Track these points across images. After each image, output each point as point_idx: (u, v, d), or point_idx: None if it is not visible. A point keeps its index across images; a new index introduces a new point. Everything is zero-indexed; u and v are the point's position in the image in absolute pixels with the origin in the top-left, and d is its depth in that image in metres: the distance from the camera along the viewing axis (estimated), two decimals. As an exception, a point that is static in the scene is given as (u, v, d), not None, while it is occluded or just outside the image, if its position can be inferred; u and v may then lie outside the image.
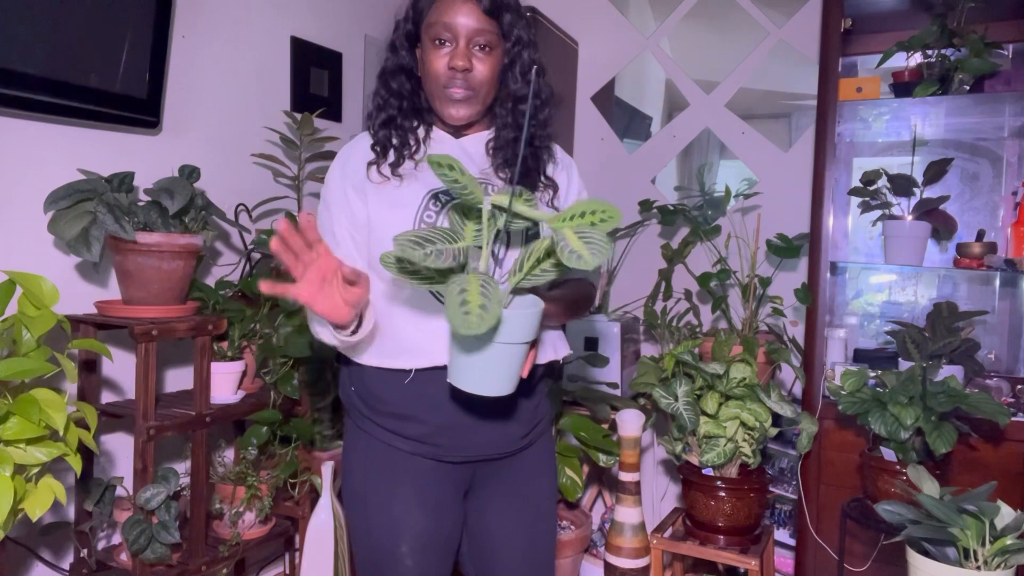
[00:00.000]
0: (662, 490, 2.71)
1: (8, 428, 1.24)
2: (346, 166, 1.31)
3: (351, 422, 1.34)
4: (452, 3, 1.21)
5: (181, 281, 1.74)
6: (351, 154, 1.33)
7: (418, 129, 1.31)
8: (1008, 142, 2.31)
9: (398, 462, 1.27)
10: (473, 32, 1.21)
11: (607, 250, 0.94)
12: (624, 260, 2.81)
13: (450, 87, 1.22)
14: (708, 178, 2.74)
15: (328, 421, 2.22)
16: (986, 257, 2.09)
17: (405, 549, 1.25)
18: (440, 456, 1.26)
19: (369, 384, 1.27)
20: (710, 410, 1.91)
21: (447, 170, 0.98)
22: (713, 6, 2.72)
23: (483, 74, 1.23)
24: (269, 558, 2.33)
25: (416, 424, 1.25)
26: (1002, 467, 1.92)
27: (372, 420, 1.28)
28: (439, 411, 1.23)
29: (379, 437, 1.27)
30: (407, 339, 1.23)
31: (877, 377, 1.97)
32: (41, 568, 1.73)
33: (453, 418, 1.24)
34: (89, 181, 1.63)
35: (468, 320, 0.90)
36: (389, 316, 1.24)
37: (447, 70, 1.22)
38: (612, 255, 2.76)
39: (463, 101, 1.24)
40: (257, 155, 2.19)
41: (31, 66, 1.59)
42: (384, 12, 2.82)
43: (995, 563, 1.35)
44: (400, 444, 1.26)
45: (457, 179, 0.99)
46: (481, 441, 1.27)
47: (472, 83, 1.23)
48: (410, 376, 1.23)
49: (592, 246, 0.93)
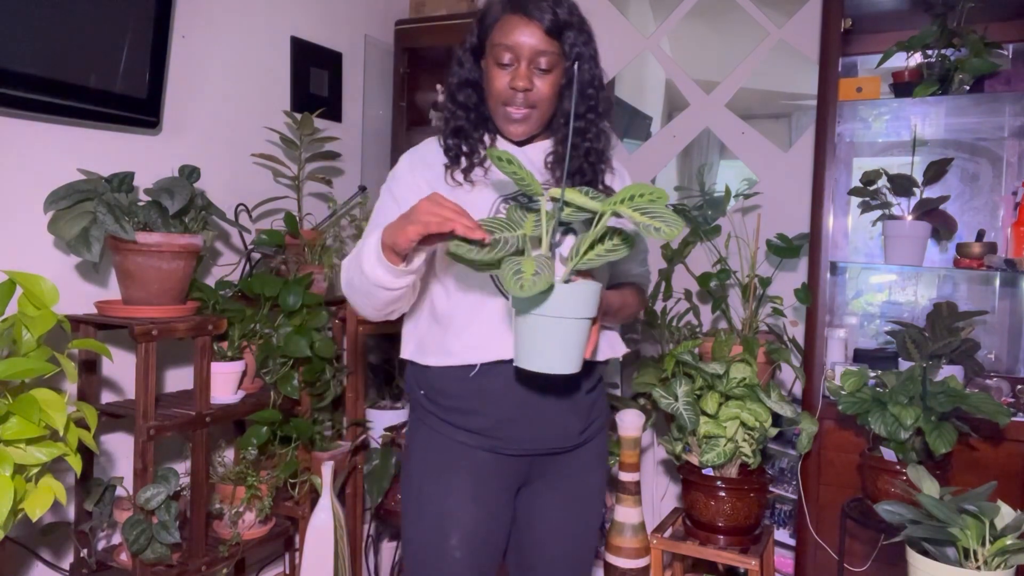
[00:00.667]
0: (662, 490, 2.71)
1: (8, 428, 1.24)
2: (417, 165, 1.35)
3: (414, 417, 1.39)
4: (515, 25, 1.25)
5: (181, 281, 1.74)
6: (423, 155, 1.37)
7: (484, 138, 1.36)
8: (1008, 142, 2.31)
9: (457, 455, 1.30)
10: (534, 53, 1.25)
11: (679, 222, 0.99)
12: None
13: (510, 105, 1.28)
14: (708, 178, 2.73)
15: (328, 421, 2.22)
16: (986, 257, 2.09)
17: (454, 542, 1.28)
18: (499, 449, 1.30)
19: (434, 381, 1.32)
20: (710, 410, 1.91)
21: (506, 164, 1.05)
22: (713, 6, 2.72)
23: (542, 93, 1.28)
24: (269, 558, 2.33)
25: (478, 417, 1.28)
26: (1002, 467, 1.92)
27: (435, 415, 1.32)
28: (501, 404, 1.27)
29: (441, 431, 1.32)
30: (471, 336, 1.27)
31: (877, 377, 1.97)
32: (41, 568, 1.73)
33: (514, 411, 1.28)
34: (89, 181, 1.63)
35: (522, 281, 0.95)
36: (454, 316, 1.29)
37: (508, 90, 1.27)
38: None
39: (521, 120, 1.29)
40: (257, 155, 2.19)
41: (31, 66, 1.59)
42: (384, 12, 2.82)
43: (995, 563, 1.35)
44: (461, 437, 1.30)
45: (516, 171, 1.05)
46: (540, 435, 1.30)
47: (531, 101, 1.28)
48: (475, 370, 1.27)
49: (663, 219, 0.99)
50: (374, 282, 1.18)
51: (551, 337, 1.05)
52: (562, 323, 1.04)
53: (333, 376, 2.15)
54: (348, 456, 2.20)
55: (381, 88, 2.82)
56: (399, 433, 2.33)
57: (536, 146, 1.37)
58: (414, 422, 1.39)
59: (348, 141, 2.62)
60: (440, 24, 2.73)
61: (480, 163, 1.34)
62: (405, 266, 1.17)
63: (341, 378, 2.21)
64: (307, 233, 2.18)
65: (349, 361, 2.31)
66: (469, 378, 1.28)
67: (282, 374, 1.98)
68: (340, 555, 2.02)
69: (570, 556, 1.40)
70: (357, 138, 2.71)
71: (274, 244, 2.07)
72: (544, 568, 1.39)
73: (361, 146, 2.73)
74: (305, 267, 2.13)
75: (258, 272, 2.09)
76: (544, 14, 1.25)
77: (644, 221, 0.99)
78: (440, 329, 1.31)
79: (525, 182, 1.07)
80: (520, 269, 0.98)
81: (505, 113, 1.29)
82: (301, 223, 2.21)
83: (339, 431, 2.25)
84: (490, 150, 1.07)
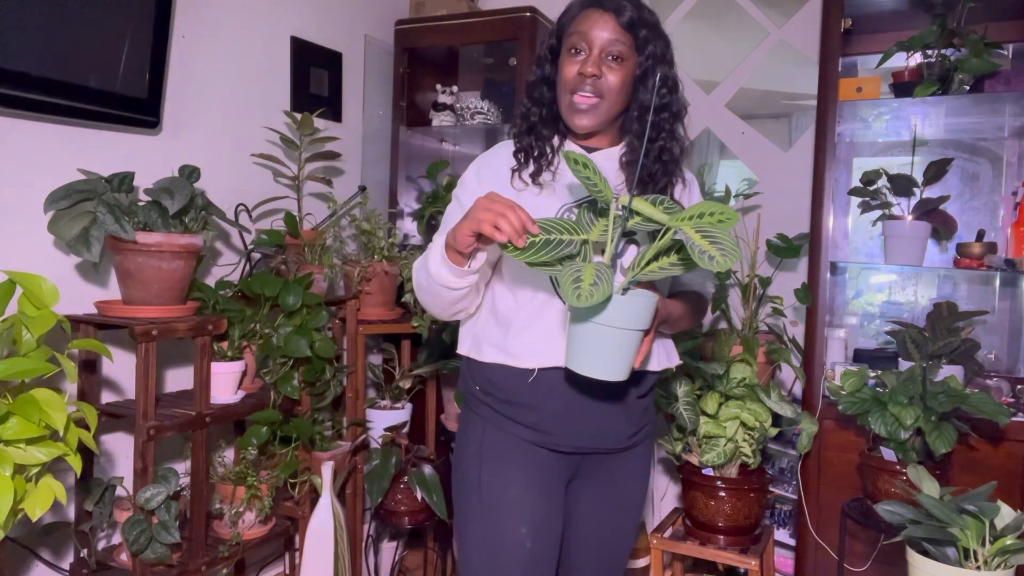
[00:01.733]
0: (662, 490, 2.71)
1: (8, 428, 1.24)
2: (484, 170, 1.37)
3: (467, 411, 1.40)
4: (591, 15, 1.27)
5: (181, 281, 1.74)
6: (491, 160, 1.38)
7: (554, 139, 1.36)
8: (1008, 142, 2.31)
9: (512, 448, 1.32)
10: (607, 43, 1.26)
11: (736, 252, 0.96)
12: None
13: (577, 92, 1.27)
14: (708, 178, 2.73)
15: (328, 421, 2.22)
16: (986, 257, 2.09)
17: (525, 531, 1.29)
18: (552, 445, 1.31)
19: (490, 376, 1.33)
20: (710, 410, 1.91)
21: (581, 167, 1.05)
22: (713, 6, 2.72)
23: (611, 82, 1.27)
24: (269, 558, 2.33)
25: (533, 412, 1.30)
26: (1002, 467, 1.92)
27: (491, 407, 1.34)
28: (555, 401, 1.29)
29: (495, 423, 1.33)
30: (530, 339, 1.28)
31: (877, 377, 1.97)
32: (41, 568, 1.73)
33: (568, 408, 1.29)
34: (89, 181, 1.63)
35: (579, 292, 0.96)
36: (514, 317, 1.30)
37: (576, 76, 1.27)
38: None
39: (588, 111, 1.28)
40: (257, 155, 2.19)
41: (31, 66, 1.59)
42: (384, 12, 2.82)
43: (995, 563, 1.35)
44: (516, 431, 1.32)
45: (589, 176, 1.05)
46: (592, 433, 1.32)
47: (599, 89, 1.27)
48: (533, 375, 1.28)
49: (721, 247, 0.96)
50: (439, 282, 1.23)
51: (601, 345, 1.06)
52: (613, 332, 1.05)
53: (333, 376, 2.15)
54: (348, 456, 2.20)
55: (381, 88, 2.82)
56: (399, 433, 2.33)
57: (605, 153, 1.36)
58: (467, 416, 1.40)
59: (348, 141, 2.62)
60: (440, 24, 2.73)
61: (548, 166, 1.33)
62: (468, 266, 1.20)
63: (341, 378, 2.21)
64: (307, 233, 2.18)
65: (349, 361, 2.31)
66: (525, 379, 1.29)
67: (282, 374, 1.98)
68: (340, 555, 2.02)
69: (607, 557, 1.43)
70: (357, 138, 2.71)
71: (274, 244, 2.07)
72: (575, 564, 1.42)
73: (361, 146, 2.73)
74: (305, 267, 2.13)
75: (258, 272, 2.09)
76: (620, 6, 1.26)
77: (701, 245, 0.97)
78: (499, 328, 1.32)
79: (597, 187, 1.06)
80: (579, 277, 0.98)
81: (571, 103, 1.28)
82: (301, 223, 2.21)
83: (339, 431, 2.25)
84: (566, 152, 1.07)
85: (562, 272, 1.01)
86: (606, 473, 1.39)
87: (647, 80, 1.30)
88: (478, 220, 1.09)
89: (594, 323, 1.04)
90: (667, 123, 1.32)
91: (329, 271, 2.20)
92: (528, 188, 1.32)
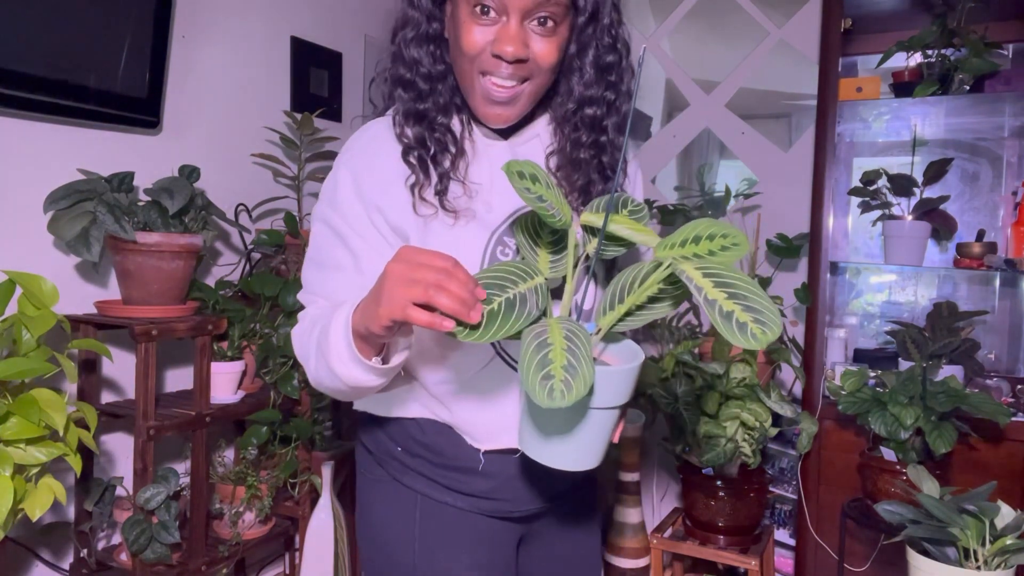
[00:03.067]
0: (662, 490, 2.71)
1: (8, 428, 1.24)
2: (366, 184, 0.94)
3: (384, 480, 1.04)
4: None
5: (181, 281, 1.74)
6: (371, 164, 0.95)
7: (453, 127, 0.96)
8: (1008, 142, 2.31)
9: (456, 523, 1.00)
10: (533, 3, 0.84)
11: (778, 321, 0.67)
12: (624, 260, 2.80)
13: (491, 76, 0.88)
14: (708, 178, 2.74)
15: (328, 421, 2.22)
16: (986, 257, 2.09)
17: None
18: (506, 512, 1.02)
19: (418, 435, 0.99)
20: (710, 410, 1.91)
21: (530, 182, 0.74)
22: (713, 6, 2.72)
23: (543, 60, 0.88)
24: (269, 558, 2.32)
25: (484, 479, 0.99)
26: (1002, 467, 1.92)
27: (422, 474, 1.00)
28: (503, 463, 0.99)
29: (430, 494, 1.00)
30: (476, 421, 0.97)
31: (877, 377, 1.97)
32: (41, 568, 1.73)
33: (524, 466, 0.99)
34: (89, 181, 1.63)
35: (552, 389, 0.67)
36: (448, 395, 0.97)
37: (489, 56, 0.86)
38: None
39: (508, 102, 0.90)
40: (257, 155, 2.19)
41: (31, 66, 1.59)
42: (384, 12, 2.82)
43: (995, 563, 1.35)
44: (459, 501, 1.00)
45: (542, 195, 0.75)
46: (548, 486, 1.02)
47: (525, 73, 0.88)
48: (481, 463, 0.98)
49: (757, 314, 0.66)
50: (350, 384, 0.86)
51: (573, 429, 0.78)
52: (589, 414, 0.77)
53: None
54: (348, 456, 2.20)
55: (381, 88, 2.82)
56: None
57: (529, 143, 1.00)
58: (385, 489, 1.03)
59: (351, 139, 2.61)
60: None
61: (453, 172, 0.93)
62: (383, 361, 0.85)
63: (341, 378, 2.21)
64: (307, 233, 2.18)
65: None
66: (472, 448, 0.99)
67: (282, 374, 1.98)
68: (340, 555, 2.02)
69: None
70: (357, 138, 2.71)
71: (274, 244, 2.07)
72: None
73: (361, 146, 2.73)
74: (305, 267, 2.12)
75: (258, 272, 2.09)
76: None
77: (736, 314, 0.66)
78: (428, 394, 0.99)
79: (552, 212, 0.75)
80: (548, 358, 0.69)
81: (484, 89, 0.89)
82: (301, 223, 2.21)
83: (339, 431, 2.25)
84: (509, 164, 0.73)
85: (522, 342, 0.72)
86: (558, 531, 1.11)
87: (586, 54, 0.93)
88: (404, 301, 0.72)
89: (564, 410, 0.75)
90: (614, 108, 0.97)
91: (329, 271, 2.19)
92: (437, 215, 0.91)
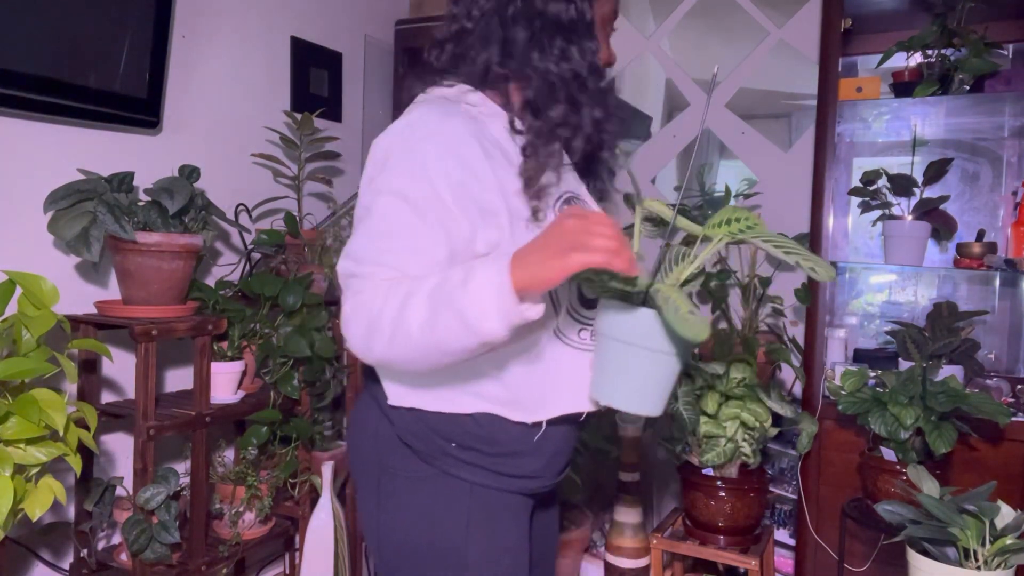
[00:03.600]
0: (662, 490, 2.71)
1: (8, 428, 1.24)
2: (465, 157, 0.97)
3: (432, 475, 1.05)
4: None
5: (181, 281, 1.74)
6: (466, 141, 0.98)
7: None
8: (1008, 142, 2.31)
9: (504, 506, 1.06)
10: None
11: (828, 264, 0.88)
12: (624, 260, 2.80)
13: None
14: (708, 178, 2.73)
15: (328, 421, 2.22)
16: (986, 257, 2.09)
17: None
18: (538, 488, 1.09)
19: (475, 429, 1.02)
20: (710, 410, 1.91)
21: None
22: (713, 6, 2.72)
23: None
24: (269, 558, 2.32)
25: (535, 458, 1.05)
26: (1002, 467, 1.92)
27: (477, 465, 1.04)
28: (558, 437, 1.07)
29: (484, 482, 1.04)
30: (534, 391, 1.02)
31: (877, 377, 1.97)
32: (41, 568, 1.73)
33: (567, 441, 1.08)
34: (89, 181, 1.63)
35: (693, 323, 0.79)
36: (508, 363, 1.01)
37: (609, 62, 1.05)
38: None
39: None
40: (257, 155, 2.19)
41: (31, 66, 1.59)
42: (384, 12, 2.82)
43: (995, 563, 1.35)
44: (511, 484, 1.06)
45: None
46: (568, 459, 1.12)
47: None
48: (541, 431, 1.04)
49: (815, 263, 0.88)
50: (481, 338, 0.84)
51: (658, 375, 0.91)
52: (671, 359, 0.90)
53: (333, 376, 2.15)
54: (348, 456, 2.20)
55: (381, 88, 2.82)
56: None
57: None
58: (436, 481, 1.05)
59: (348, 141, 2.62)
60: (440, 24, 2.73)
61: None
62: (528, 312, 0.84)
63: (341, 378, 2.21)
64: (307, 233, 2.18)
65: (349, 361, 2.31)
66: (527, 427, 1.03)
67: (282, 374, 1.98)
68: (340, 555, 2.02)
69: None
70: (357, 138, 2.71)
71: (274, 244, 2.07)
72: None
73: (361, 146, 2.73)
74: (305, 267, 2.13)
75: (258, 272, 2.09)
76: None
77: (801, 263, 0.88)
78: (482, 373, 1.01)
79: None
80: (679, 306, 0.81)
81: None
82: (301, 223, 2.21)
83: (339, 431, 2.25)
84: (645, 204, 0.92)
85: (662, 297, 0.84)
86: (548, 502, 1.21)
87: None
88: (605, 250, 0.78)
89: (649, 350, 0.89)
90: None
91: (329, 271, 2.20)
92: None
